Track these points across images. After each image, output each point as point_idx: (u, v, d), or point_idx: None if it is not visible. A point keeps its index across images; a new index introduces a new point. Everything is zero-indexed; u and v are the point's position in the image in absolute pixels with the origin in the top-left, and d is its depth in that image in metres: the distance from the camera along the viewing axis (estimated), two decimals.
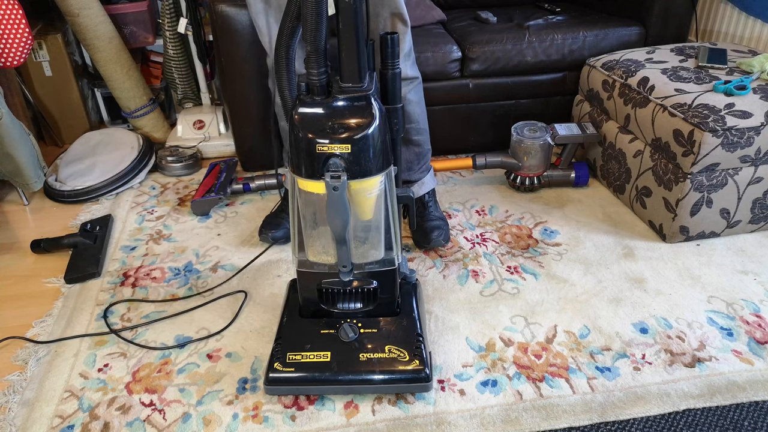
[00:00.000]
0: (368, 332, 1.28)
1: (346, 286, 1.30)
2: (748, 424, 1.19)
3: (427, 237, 1.71)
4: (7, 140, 1.79)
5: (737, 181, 1.63)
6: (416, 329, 1.30)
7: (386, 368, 1.23)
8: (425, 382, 1.23)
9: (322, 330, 1.29)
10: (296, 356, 1.24)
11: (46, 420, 1.24)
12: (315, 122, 1.10)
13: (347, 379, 1.22)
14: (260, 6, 1.48)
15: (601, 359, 1.35)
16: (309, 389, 1.25)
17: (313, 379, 1.22)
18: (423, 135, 1.69)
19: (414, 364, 1.24)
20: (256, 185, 2.01)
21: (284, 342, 1.27)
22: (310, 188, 1.15)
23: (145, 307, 1.55)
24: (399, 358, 1.24)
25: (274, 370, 1.23)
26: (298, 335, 1.29)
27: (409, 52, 1.54)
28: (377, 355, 1.24)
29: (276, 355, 1.25)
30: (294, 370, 1.23)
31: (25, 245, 1.83)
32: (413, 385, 1.24)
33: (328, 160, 1.10)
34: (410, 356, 1.24)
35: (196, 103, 2.48)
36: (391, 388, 1.24)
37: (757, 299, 1.51)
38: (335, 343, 1.26)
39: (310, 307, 1.33)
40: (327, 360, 1.24)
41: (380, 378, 1.22)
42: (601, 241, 1.75)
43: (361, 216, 1.21)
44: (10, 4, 1.80)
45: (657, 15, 2.11)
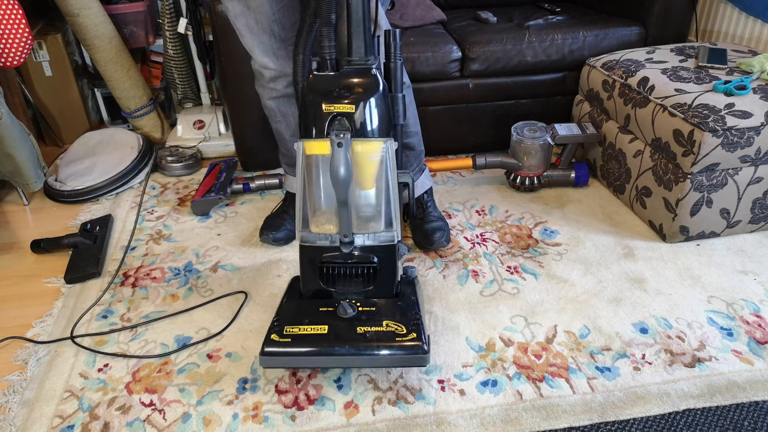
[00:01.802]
0: (366, 310, 1.28)
1: (347, 262, 1.31)
2: (748, 424, 1.19)
3: (429, 238, 1.71)
4: (7, 140, 1.79)
5: (737, 181, 1.63)
6: (414, 308, 1.29)
7: (383, 341, 1.21)
8: (423, 354, 1.21)
9: (320, 308, 1.29)
10: (293, 329, 1.24)
11: (46, 420, 1.24)
12: (323, 87, 1.22)
13: (344, 351, 1.21)
14: (238, 8, 1.46)
15: (601, 359, 1.35)
16: (305, 361, 1.24)
17: (310, 350, 1.21)
18: (415, 137, 1.70)
19: (411, 337, 1.22)
20: (256, 185, 2.01)
21: (282, 317, 1.28)
22: (316, 150, 1.23)
23: (145, 307, 1.55)
24: (396, 331, 1.23)
25: (270, 342, 1.22)
26: (296, 312, 1.29)
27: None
28: (374, 329, 1.23)
29: (273, 328, 1.25)
30: (291, 341, 1.22)
31: (25, 245, 1.83)
32: (410, 357, 1.21)
33: (333, 119, 1.21)
34: (408, 330, 1.23)
35: (196, 103, 2.48)
36: (387, 360, 1.22)
37: (757, 299, 1.51)
38: (333, 318, 1.26)
39: (311, 287, 1.34)
40: (324, 332, 1.23)
41: (377, 350, 1.21)
42: (601, 241, 1.75)
43: (363, 185, 1.27)
44: (10, 4, 1.80)
45: (657, 15, 2.11)
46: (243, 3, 1.45)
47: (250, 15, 1.47)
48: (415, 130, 1.68)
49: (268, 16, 1.47)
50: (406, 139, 1.67)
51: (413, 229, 1.76)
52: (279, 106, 1.63)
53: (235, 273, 1.67)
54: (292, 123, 1.67)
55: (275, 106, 1.64)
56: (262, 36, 1.50)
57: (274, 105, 1.64)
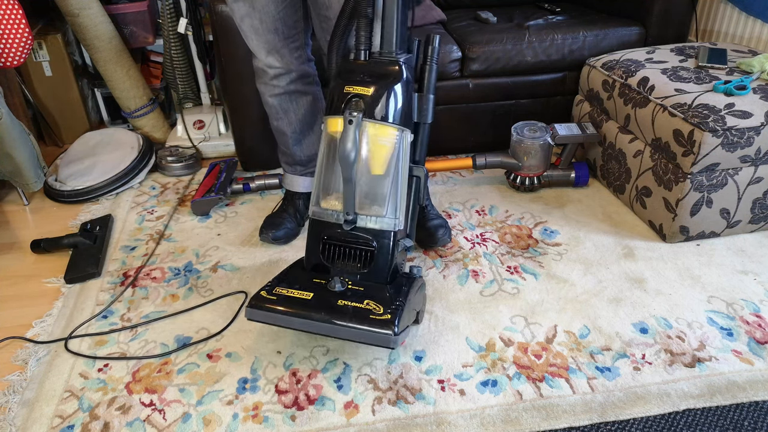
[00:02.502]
0: (355, 289, 1.31)
1: (347, 240, 1.36)
2: (748, 424, 1.19)
3: (433, 236, 1.71)
4: (7, 140, 1.79)
5: (737, 181, 1.63)
6: (400, 297, 1.30)
7: (358, 316, 1.24)
8: (391, 335, 1.20)
9: (314, 279, 1.34)
10: (282, 290, 1.30)
11: (46, 420, 1.24)
12: (349, 72, 1.32)
13: (318, 318, 1.24)
14: (244, 10, 1.48)
15: (601, 359, 1.35)
16: (281, 319, 1.27)
17: (289, 311, 1.26)
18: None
19: (385, 318, 1.22)
20: (256, 185, 2.01)
21: (277, 280, 1.35)
22: (332, 127, 1.32)
23: (145, 307, 1.55)
24: (374, 310, 1.25)
25: (258, 296, 1.29)
26: (292, 278, 1.36)
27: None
28: (354, 304, 1.27)
29: (265, 287, 1.32)
30: (276, 299, 1.28)
31: (25, 245, 1.83)
32: (378, 335, 1.21)
33: (350, 100, 1.28)
34: (384, 311, 1.24)
35: (196, 103, 2.48)
36: (355, 333, 1.23)
37: (757, 299, 1.51)
38: (322, 289, 1.30)
39: (312, 260, 1.38)
40: (307, 298, 1.28)
41: (349, 323, 1.23)
42: (601, 241, 1.75)
43: (372, 168, 1.31)
44: (10, 4, 1.80)
45: (657, 15, 2.11)
46: (248, 4, 1.46)
47: (255, 15, 1.48)
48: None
49: (273, 15, 1.48)
50: None
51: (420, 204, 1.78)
52: (281, 103, 1.64)
53: (235, 273, 1.67)
54: (293, 120, 1.68)
55: (277, 103, 1.64)
56: (267, 35, 1.51)
57: (276, 102, 1.64)
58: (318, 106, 1.78)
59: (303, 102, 1.71)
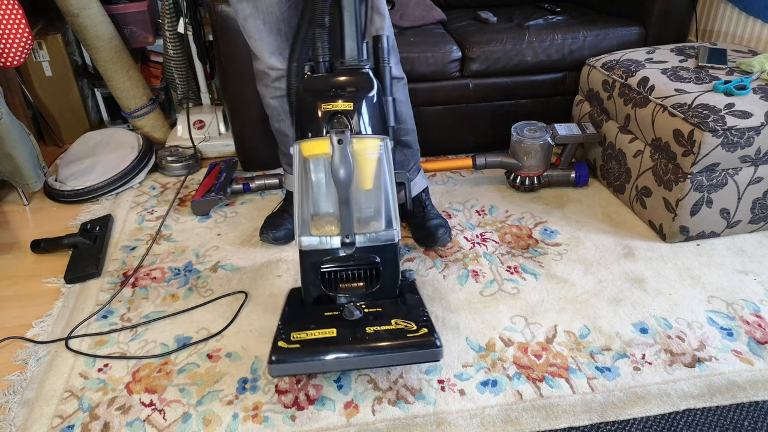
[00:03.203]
0: (373, 311, 1.25)
1: (349, 264, 1.29)
2: (748, 424, 1.19)
3: (433, 236, 1.71)
4: (7, 140, 1.79)
5: (737, 181, 1.63)
6: (421, 306, 1.28)
7: (395, 338, 1.18)
8: (436, 348, 1.19)
9: (325, 312, 1.25)
10: (301, 334, 1.19)
11: (46, 420, 1.24)
12: (319, 88, 1.25)
13: (355, 353, 1.17)
14: (248, 10, 1.47)
15: (601, 359, 1.35)
16: (316, 365, 1.18)
17: (320, 354, 1.17)
18: (411, 135, 1.70)
19: (422, 332, 1.20)
20: (256, 185, 2.01)
21: (287, 324, 1.23)
22: (315, 150, 1.23)
23: (145, 307, 1.55)
24: (407, 327, 1.21)
25: (278, 349, 1.17)
26: (301, 318, 1.25)
27: (390, 49, 1.54)
28: (384, 328, 1.20)
29: (280, 335, 1.20)
30: (300, 346, 1.17)
31: (25, 245, 1.83)
32: (424, 353, 1.19)
33: (332, 117, 1.22)
34: (418, 326, 1.21)
35: (196, 103, 2.48)
36: (401, 357, 1.19)
37: (757, 299, 1.51)
38: (340, 321, 1.23)
39: (312, 293, 1.31)
40: (333, 335, 1.19)
41: (389, 349, 1.17)
42: (601, 241, 1.75)
43: (362, 185, 1.26)
44: (10, 4, 1.80)
45: (657, 15, 2.11)
46: (252, 4, 1.46)
47: (258, 16, 1.47)
48: (411, 127, 1.68)
49: (277, 15, 1.48)
50: (404, 137, 1.67)
51: (414, 228, 1.77)
52: (282, 104, 1.64)
53: (235, 273, 1.67)
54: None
55: (278, 104, 1.64)
56: (271, 36, 1.51)
57: (277, 104, 1.64)
58: None
59: None
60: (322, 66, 1.26)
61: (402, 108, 1.63)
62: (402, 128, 1.65)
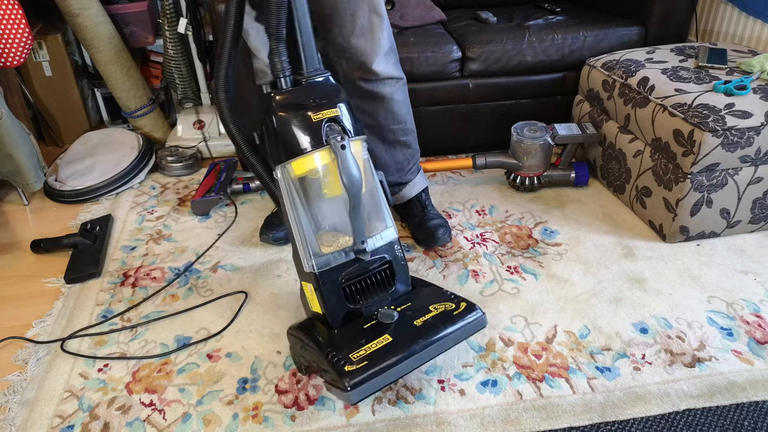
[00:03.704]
0: (405, 307, 1.25)
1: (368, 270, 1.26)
2: (748, 424, 1.19)
3: (434, 236, 1.71)
4: (7, 140, 1.79)
5: (737, 181, 1.63)
6: (439, 288, 1.31)
7: (445, 321, 1.20)
8: (482, 314, 1.24)
9: (363, 326, 1.21)
10: (360, 352, 1.14)
11: (46, 420, 1.24)
12: (300, 101, 1.19)
13: (419, 347, 1.16)
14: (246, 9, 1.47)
15: (601, 359, 1.35)
16: (391, 374, 1.13)
17: (391, 361, 1.13)
18: (410, 135, 1.69)
19: (463, 306, 1.24)
20: (256, 185, 2.01)
21: (336, 350, 1.16)
22: (303, 168, 1.18)
23: (145, 307, 1.55)
24: (447, 308, 1.23)
25: (349, 374, 1.09)
26: (344, 340, 1.19)
27: (389, 50, 1.54)
28: (429, 315, 1.21)
29: (340, 363, 1.12)
30: (368, 364, 1.12)
31: (25, 245, 1.83)
32: (475, 321, 1.23)
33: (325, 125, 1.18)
34: (456, 304, 1.25)
35: (196, 103, 2.48)
36: (459, 335, 1.21)
37: (757, 299, 1.51)
38: (384, 327, 1.20)
39: (339, 313, 1.23)
40: (390, 341, 1.16)
41: (446, 331, 1.19)
42: (601, 241, 1.75)
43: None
44: (10, 4, 1.80)
45: (657, 15, 2.11)
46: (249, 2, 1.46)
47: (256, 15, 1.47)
48: (410, 128, 1.68)
49: None
50: (403, 137, 1.67)
51: (414, 229, 1.77)
52: None
53: (235, 273, 1.67)
54: None
55: None
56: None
57: None
58: None
59: None
60: (287, 81, 1.21)
61: (401, 108, 1.63)
62: (401, 128, 1.65)
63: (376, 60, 1.50)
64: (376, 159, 1.70)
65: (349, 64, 1.52)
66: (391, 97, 1.58)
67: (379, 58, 1.51)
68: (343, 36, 1.48)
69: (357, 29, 1.46)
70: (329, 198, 1.21)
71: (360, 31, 1.46)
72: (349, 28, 1.46)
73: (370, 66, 1.51)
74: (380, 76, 1.53)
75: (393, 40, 1.55)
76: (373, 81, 1.54)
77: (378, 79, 1.54)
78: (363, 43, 1.48)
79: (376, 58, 1.50)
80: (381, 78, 1.54)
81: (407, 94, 1.65)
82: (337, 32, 1.48)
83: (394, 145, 1.67)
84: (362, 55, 1.49)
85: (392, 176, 1.73)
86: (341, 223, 1.23)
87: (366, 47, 1.48)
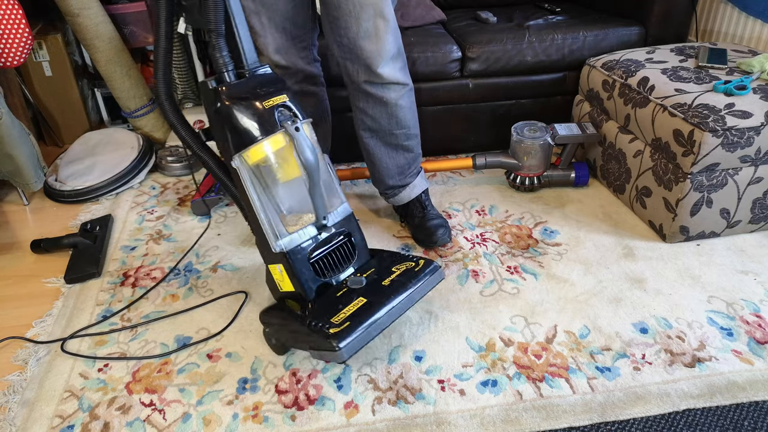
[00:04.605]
0: (370, 273, 1.35)
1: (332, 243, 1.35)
2: (748, 424, 1.19)
3: (433, 236, 1.71)
4: (7, 140, 1.79)
5: (737, 181, 1.63)
6: (396, 252, 1.43)
7: (409, 277, 1.31)
8: (440, 268, 1.37)
9: (336, 294, 1.30)
10: (340, 316, 1.22)
11: (46, 420, 1.24)
12: (249, 92, 1.24)
13: (392, 302, 1.25)
14: (252, 6, 1.48)
15: (601, 359, 1.35)
16: (372, 329, 1.21)
17: (370, 318, 1.21)
18: (414, 140, 1.69)
19: (422, 263, 1.36)
20: None
21: (317, 317, 1.24)
22: (258, 155, 1.22)
23: (145, 307, 1.55)
24: (408, 267, 1.35)
25: (335, 336, 1.17)
26: (322, 309, 1.26)
27: (396, 54, 1.53)
28: (394, 275, 1.31)
29: (324, 326, 1.20)
30: (350, 323, 1.20)
31: (25, 245, 1.83)
32: (435, 276, 1.35)
33: (276, 111, 1.23)
34: (414, 262, 1.36)
35: (196, 103, 2.48)
36: (423, 288, 1.32)
37: (757, 299, 1.51)
38: (356, 291, 1.29)
39: (313, 286, 1.31)
40: (365, 302, 1.25)
41: (412, 286, 1.29)
42: (601, 241, 1.75)
43: None
44: (10, 4, 1.80)
45: (657, 15, 2.11)
46: (258, 1, 1.46)
47: (263, 12, 1.48)
48: (414, 132, 1.68)
49: (282, 13, 1.49)
50: (405, 142, 1.67)
51: (414, 229, 1.77)
52: None
53: (235, 273, 1.67)
54: None
55: None
56: (275, 34, 1.51)
57: None
58: (323, 106, 1.78)
59: (308, 102, 1.71)
60: (230, 75, 1.25)
61: (406, 114, 1.62)
62: (404, 133, 1.65)
63: (382, 63, 1.50)
64: (377, 161, 1.70)
65: (354, 66, 1.52)
66: (395, 102, 1.58)
67: (384, 62, 1.50)
68: (348, 38, 1.48)
69: (362, 32, 1.45)
70: (286, 181, 1.26)
71: (365, 34, 1.46)
72: (354, 30, 1.46)
73: (375, 69, 1.50)
74: (385, 80, 1.53)
75: (401, 45, 1.54)
76: (378, 84, 1.54)
77: (383, 83, 1.54)
78: (368, 45, 1.47)
79: (381, 62, 1.50)
80: (386, 82, 1.54)
81: (413, 100, 1.64)
82: (343, 33, 1.48)
83: (396, 148, 1.67)
84: (367, 58, 1.49)
85: (392, 179, 1.73)
86: (299, 203, 1.30)
87: (371, 50, 1.48)
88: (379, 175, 1.74)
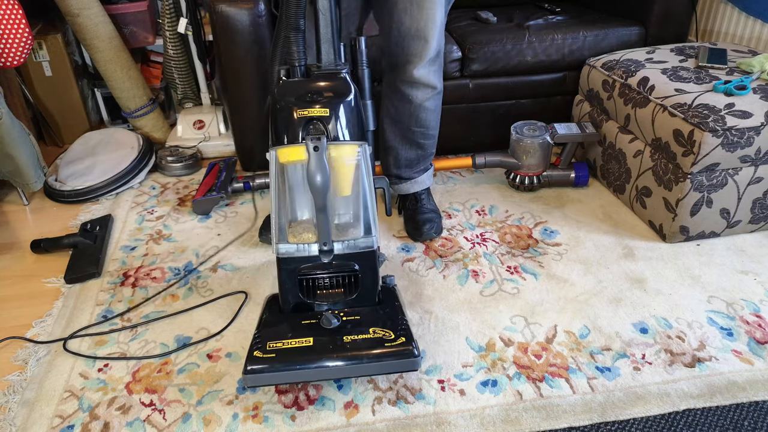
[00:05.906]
0: (351, 319, 1.24)
1: (328, 271, 1.28)
2: (748, 424, 1.19)
3: (420, 230, 1.73)
4: (7, 140, 1.79)
5: (737, 181, 1.63)
6: (400, 314, 1.27)
7: (372, 347, 1.18)
8: (414, 357, 1.18)
9: (303, 321, 1.24)
10: (277, 344, 1.18)
11: (46, 420, 1.24)
12: (294, 93, 1.21)
13: (331, 362, 1.16)
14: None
15: (601, 359, 1.35)
16: (292, 375, 1.18)
17: (296, 364, 1.16)
18: (430, 140, 1.72)
19: (400, 341, 1.19)
20: (257, 183, 2.01)
21: (264, 333, 1.22)
22: (291, 157, 1.20)
23: (145, 307, 1.55)
24: (384, 336, 1.20)
25: (253, 359, 1.16)
26: (278, 327, 1.24)
27: (435, 57, 1.55)
28: (361, 336, 1.19)
29: (256, 345, 1.19)
30: (275, 356, 1.16)
31: (25, 245, 1.83)
32: (402, 362, 1.18)
33: (308, 124, 1.20)
34: (396, 335, 1.20)
35: (196, 103, 2.48)
36: (379, 368, 1.19)
37: (757, 299, 1.51)
38: (317, 330, 1.22)
39: (291, 301, 1.29)
40: (309, 344, 1.18)
41: (367, 358, 1.17)
42: (601, 241, 1.75)
43: (339, 191, 1.25)
44: (10, 4, 1.80)
45: (657, 15, 2.11)
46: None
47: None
48: (432, 133, 1.71)
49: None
50: (421, 140, 1.70)
51: (405, 221, 1.80)
52: None
53: (235, 273, 1.67)
54: None
55: None
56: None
57: None
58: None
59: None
60: (298, 71, 1.24)
61: (428, 116, 1.65)
62: (421, 132, 1.68)
63: (420, 65, 1.52)
64: (390, 148, 1.72)
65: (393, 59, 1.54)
66: (420, 103, 1.60)
67: (423, 64, 1.53)
68: (400, 31, 1.49)
69: (412, 30, 1.47)
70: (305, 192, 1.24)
71: (415, 34, 1.47)
72: (406, 26, 1.47)
73: (411, 69, 1.53)
74: (417, 81, 1.55)
75: (443, 46, 1.56)
76: (408, 83, 1.56)
77: (413, 83, 1.56)
78: (414, 45, 1.49)
79: (420, 63, 1.52)
80: (417, 83, 1.56)
81: (440, 103, 1.67)
82: (394, 26, 1.49)
83: (410, 143, 1.70)
84: (409, 55, 1.51)
85: (399, 169, 1.76)
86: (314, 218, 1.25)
87: (415, 49, 1.50)
88: (387, 161, 1.77)
